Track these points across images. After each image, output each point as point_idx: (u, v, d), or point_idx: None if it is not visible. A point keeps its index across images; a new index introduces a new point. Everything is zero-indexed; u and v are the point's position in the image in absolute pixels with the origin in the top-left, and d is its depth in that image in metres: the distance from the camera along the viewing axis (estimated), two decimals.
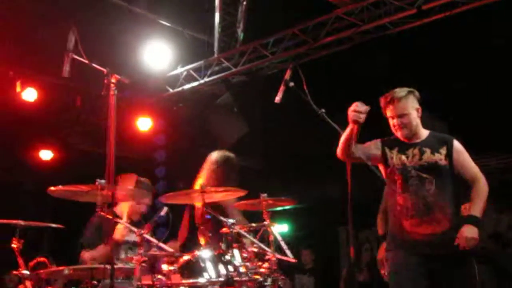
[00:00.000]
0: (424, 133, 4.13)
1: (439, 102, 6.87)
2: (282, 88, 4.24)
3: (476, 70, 7.30)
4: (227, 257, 3.91)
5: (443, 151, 4.01)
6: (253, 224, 4.44)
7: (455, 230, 3.82)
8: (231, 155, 5.44)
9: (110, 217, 3.27)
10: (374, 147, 4.15)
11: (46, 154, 9.55)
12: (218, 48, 8.45)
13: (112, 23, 7.57)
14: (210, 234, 4.12)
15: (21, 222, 4.19)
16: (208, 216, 4.38)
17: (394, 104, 4.02)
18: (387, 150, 4.09)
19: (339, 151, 3.94)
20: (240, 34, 8.28)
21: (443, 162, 3.98)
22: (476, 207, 3.91)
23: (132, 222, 4.65)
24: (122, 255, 4.76)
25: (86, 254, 4.64)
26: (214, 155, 5.41)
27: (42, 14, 7.14)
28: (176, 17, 8.28)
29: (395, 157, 4.05)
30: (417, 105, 4.06)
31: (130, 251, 4.75)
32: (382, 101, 4.11)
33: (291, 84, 4.21)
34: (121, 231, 4.57)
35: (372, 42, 7.45)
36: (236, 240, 4.10)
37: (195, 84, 8.87)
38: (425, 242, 3.88)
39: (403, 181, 3.99)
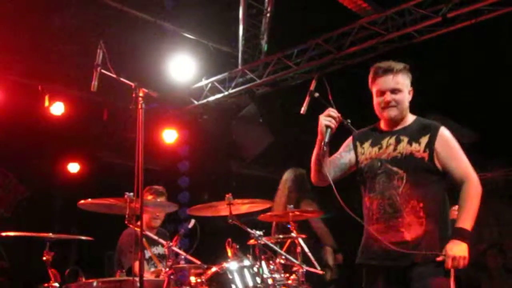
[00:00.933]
0: (410, 119, 3.42)
1: (468, 112, 6.80)
2: (307, 99, 4.23)
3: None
4: (255, 269, 3.91)
5: (424, 140, 3.25)
6: (280, 236, 4.44)
7: (433, 237, 3.12)
8: (301, 170, 5.69)
9: (138, 229, 3.29)
10: (346, 150, 3.52)
11: (73, 167, 9.67)
12: (242, 59, 8.49)
13: (138, 37, 7.67)
14: (238, 246, 4.11)
15: (51, 235, 4.24)
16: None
17: (388, 75, 3.33)
18: (358, 145, 3.47)
19: (312, 178, 3.45)
20: (264, 46, 8.32)
21: (420, 154, 3.22)
22: (465, 216, 3.12)
23: (159, 234, 4.68)
24: (152, 268, 4.80)
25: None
26: (286, 175, 5.76)
27: (70, 28, 7.26)
28: (200, 29, 8.35)
29: (365, 151, 3.42)
30: (410, 86, 3.42)
31: (160, 264, 4.78)
32: (371, 72, 3.44)
33: (316, 94, 4.20)
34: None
35: (397, 51, 7.40)
36: (264, 252, 4.09)
37: (219, 96, 8.93)
38: (391, 253, 3.13)
39: (370, 179, 3.33)
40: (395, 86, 3.34)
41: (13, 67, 7.65)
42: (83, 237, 4.53)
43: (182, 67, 8.26)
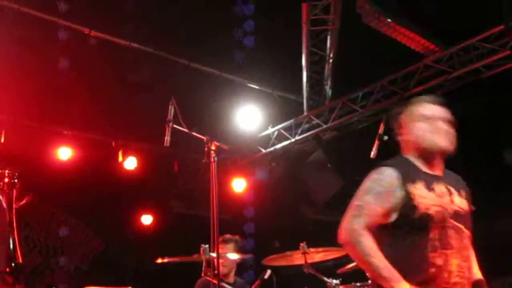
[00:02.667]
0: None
1: None
2: (376, 143, 4.20)
3: None
4: None
5: (465, 195, 2.84)
6: (358, 284, 4.34)
7: None
8: None
9: (216, 281, 3.31)
10: (391, 200, 2.67)
11: (147, 219, 9.88)
12: (307, 105, 8.52)
13: (205, 90, 7.89)
14: None
15: None
16: None
17: (440, 106, 2.86)
18: (410, 185, 2.69)
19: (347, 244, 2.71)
20: (329, 91, 8.34)
21: (469, 209, 2.83)
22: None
23: (238, 284, 4.68)
24: None
25: None
26: None
27: (141, 85, 7.56)
28: (265, 79, 8.50)
29: (426, 194, 2.69)
30: None
31: None
32: (411, 103, 2.92)
33: (385, 137, 4.17)
34: None
35: (464, 88, 7.24)
36: None
37: (286, 143, 8.95)
38: None
39: (440, 229, 2.66)
40: (451, 120, 2.85)
41: (88, 125, 8.02)
42: None
43: (249, 117, 8.38)
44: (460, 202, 2.75)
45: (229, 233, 5.39)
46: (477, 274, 2.85)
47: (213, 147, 3.46)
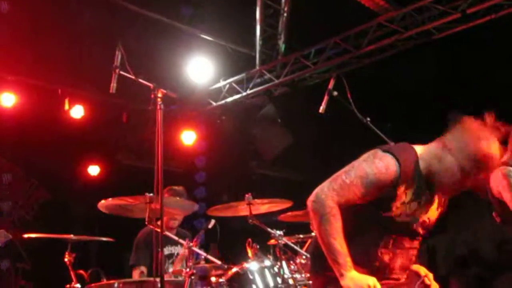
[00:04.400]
0: None
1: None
2: (326, 98, 4.22)
3: None
4: (275, 269, 3.90)
5: (443, 202, 3.03)
6: (301, 236, 4.42)
7: None
8: None
9: (159, 230, 3.30)
10: (377, 192, 2.69)
11: (93, 170, 9.74)
12: (260, 60, 8.48)
13: (156, 39, 7.71)
14: (258, 246, 4.10)
15: (72, 237, 4.28)
16: None
17: None
18: (399, 189, 2.72)
19: None
20: (282, 46, 8.31)
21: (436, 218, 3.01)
22: None
23: (179, 235, 4.69)
24: (170, 268, 4.81)
25: (136, 273, 4.72)
26: None
27: (88, 32, 7.32)
28: (218, 31, 8.36)
29: (409, 203, 2.80)
30: None
31: (178, 264, 4.79)
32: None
33: (335, 93, 4.19)
34: None
35: (416, 49, 7.34)
36: (285, 252, 4.08)
37: (237, 96, 8.92)
38: None
39: (398, 236, 2.85)
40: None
41: (33, 72, 7.74)
42: (104, 238, 4.56)
43: (200, 69, 8.27)
44: (432, 212, 2.79)
45: (181, 185, 5.38)
46: (421, 271, 2.89)
47: (159, 95, 3.40)
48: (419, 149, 2.74)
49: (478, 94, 6.73)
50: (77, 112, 8.31)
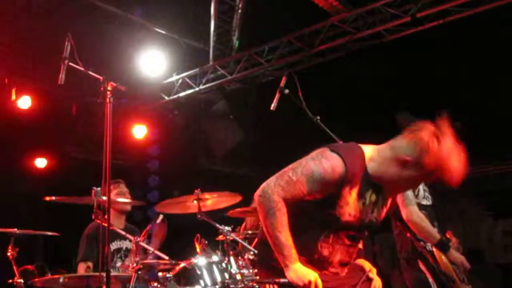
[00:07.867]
0: None
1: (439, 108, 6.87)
2: (277, 96, 4.24)
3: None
4: (223, 264, 3.91)
5: (389, 202, 3.13)
6: (249, 232, 4.44)
7: None
8: None
9: (106, 224, 3.26)
10: (322, 191, 2.75)
11: (41, 162, 9.52)
12: (214, 55, 8.47)
13: (107, 31, 7.58)
14: (206, 242, 4.10)
15: (16, 231, 4.17)
16: None
17: None
18: (344, 189, 2.78)
19: None
20: (235, 42, 8.32)
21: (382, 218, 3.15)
22: None
23: (127, 229, 4.64)
24: (118, 263, 4.76)
25: (82, 267, 4.64)
26: None
27: (38, 22, 7.14)
28: (172, 25, 8.30)
29: (353, 203, 2.85)
30: None
31: (126, 259, 4.75)
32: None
33: (286, 91, 4.22)
34: None
35: (368, 50, 7.49)
36: (233, 248, 4.09)
37: (190, 91, 8.89)
38: None
39: (340, 233, 2.90)
40: None
41: None
42: (49, 233, 4.46)
43: (153, 62, 8.20)
44: (377, 212, 2.84)
45: (130, 183, 5.32)
46: (366, 266, 2.97)
47: (109, 88, 3.34)
48: (368, 149, 2.80)
49: (427, 92, 6.95)
50: (24, 102, 8.10)
